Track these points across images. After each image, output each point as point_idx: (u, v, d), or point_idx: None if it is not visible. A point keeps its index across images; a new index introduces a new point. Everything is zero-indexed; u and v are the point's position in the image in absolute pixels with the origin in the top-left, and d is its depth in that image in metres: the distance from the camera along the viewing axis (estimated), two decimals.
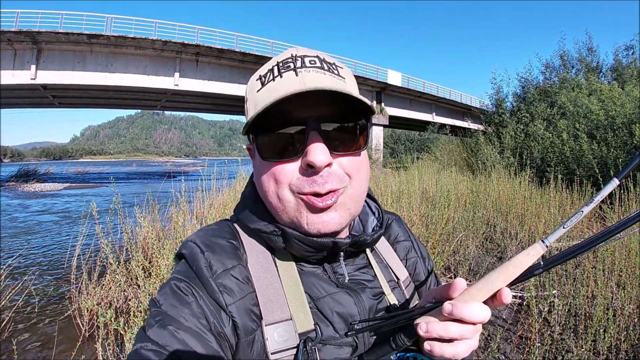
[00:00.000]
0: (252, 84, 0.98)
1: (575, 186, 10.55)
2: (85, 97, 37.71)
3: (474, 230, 8.27)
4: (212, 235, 0.97)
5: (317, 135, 0.86)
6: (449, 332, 0.75)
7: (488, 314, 0.75)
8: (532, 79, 26.41)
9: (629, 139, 13.41)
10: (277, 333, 0.85)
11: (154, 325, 0.78)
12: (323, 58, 0.95)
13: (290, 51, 0.96)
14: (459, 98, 53.03)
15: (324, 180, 0.86)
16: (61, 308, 6.07)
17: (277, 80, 0.89)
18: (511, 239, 8.29)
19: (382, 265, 1.12)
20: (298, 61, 0.92)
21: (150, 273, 4.97)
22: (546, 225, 8.82)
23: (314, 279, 0.97)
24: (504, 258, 7.27)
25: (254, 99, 0.93)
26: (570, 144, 15.69)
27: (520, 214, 9.51)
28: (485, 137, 21.10)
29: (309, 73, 0.89)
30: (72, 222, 14.50)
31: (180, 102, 42.30)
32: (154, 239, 5.70)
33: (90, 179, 44.90)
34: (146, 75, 30.36)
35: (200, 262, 0.88)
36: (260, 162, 0.93)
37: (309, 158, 0.84)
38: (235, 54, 32.81)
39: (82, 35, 26.64)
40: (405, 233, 1.26)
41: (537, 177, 13.26)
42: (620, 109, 15.16)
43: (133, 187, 27.52)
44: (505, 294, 0.73)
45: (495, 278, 0.74)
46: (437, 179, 11.95)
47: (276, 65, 0.93)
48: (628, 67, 25.24)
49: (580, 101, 18.21)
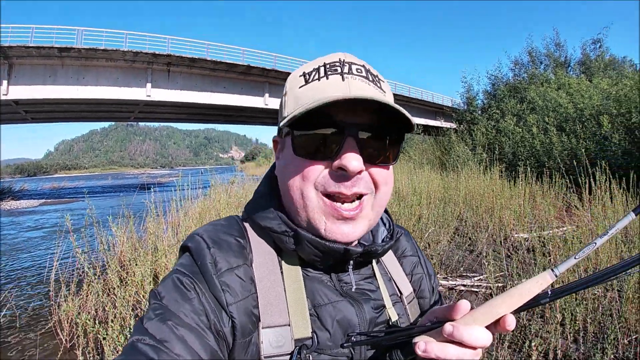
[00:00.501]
0: (294, 79, 0.99)
1: (545, 178, 10.84)
2: (58, 111, 37.10)
3: (445, 225, 8.47)
4: (220, 231, 0.97)
5: (353, 142, 0.88)
6: (447, 354, 0.74)
7: (489, 338, 0.74)
8: (501, 77, 26.98)
9: (598, 129, 13.83)
10: (273, 337, 0.86)
11: (153, 318, 0.79)
12: (368, 69, 0.98)
13: (338, 55, 0.98)
14: (430, 98, 53.34)
15: (351, 184, 0.88)
16: (42, 321, 6.12)
17: (322, 81, 0.92)
18: (481, 232, 8.50)
19: (386, 278, 1.12)
20: (346, 67, 0.94)
21: (126, 282, 5.08)
22: (515, 217, 9.08)
23: (318, 285, 0.97)
24: (475, 251, 7.50)
25: (295, 94, 0.95)
26: (540, 137, 16.08)
27: (490, 207, 9.75)
28: (457, 135, 21.40)
29: (355, 80, 0.91)
30: (50, 238, 14.37)
31: (153, 112, 41.97)
32: (129, 249, 5.80)
33: (66, 194, 44.18)
34: (118, 87, 29.92)
35: (205, 258, 0.89)
36: (292, 157, 0.93)
37: (343, 162, 0.86)
38: (206, 62, 32.59)
39: (53, 48, 26.15)
40: (414, 248, 1.27)
41: (508, 172, 13.52)
42: (588, 101, 15.60)
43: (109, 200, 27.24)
44: (509, 321, 0.73)
45: (499, 303, 0.74)
46: (409, 178, 12.15)
47: (323, 66, 0.95)
48: (596, 60, 25.77)
49: (549, 95, 18.68)
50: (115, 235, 6.43)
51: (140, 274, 4.90)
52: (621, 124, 13.35)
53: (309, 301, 0.93)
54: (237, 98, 35.65)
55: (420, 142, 26.48)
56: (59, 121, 44.55)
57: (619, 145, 12.57)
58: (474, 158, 17.54)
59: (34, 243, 13.96)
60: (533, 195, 10.37)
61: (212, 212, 7.68)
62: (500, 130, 19.73)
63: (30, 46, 25.57)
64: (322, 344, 0.89)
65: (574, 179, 9.59)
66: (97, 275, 5.21)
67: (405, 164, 19.22)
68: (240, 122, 51.98)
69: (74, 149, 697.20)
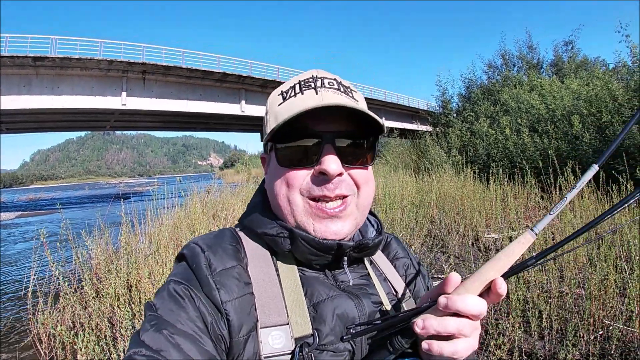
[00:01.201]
0: (273, 98, 1.07)
1: (518, 179, 11.01)
2: (33, 121, 36.62)
3: (417, 228, 8.57)
4: (214, 238, 1.01)
5: (331, 148, 0.94)
6: (446, 327, 0.75)
7: (484, 306, 0.75)
8: (475, 79, 27.15)
9: (569, 129, 14.06)
10: (272, 337, 0.86)
11: (149, 329, 0.79)
12: (340, 81, 1.06)
13: (311, 72, 1.06)
14: (406, 102, 53.79)
15: (334, 186, 0.94)
16: (21, 334, 6.09)
17: (298, 97, 0.99)
18: (452, 233, 8.63)
19: (381, 278, 1.13)
20: (318, 81, 1.02)
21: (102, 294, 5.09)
22: (487, 217, 9.23)
23: (315, 283, 0.98)
24: (446, 252, 7.62)
25: (275, 112, 1.02)
26: (513, 138, 16.30)
27: (461, 209, 9.88)
28: (432, 138, 21.56)
29: (328, 93, 0.99)
30: (27, 251, 14.19)
31: (129, 121, 41.63)
32: (104, 261, 5.80)
33: (43, 205, 43.41)
34: (93, 96, 29.68)
35: (200, 261, 0.92)
36: (277, 168, 1.00)
37: (323, 166, 0.92)
38: (182, 70, 32.54)
39: (27, 58, 25.83)
40: (404, 251, 1.28)
41: (483, 173, 13.65)
42: (559, 102, 15.86)
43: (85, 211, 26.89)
44: (499, 284, 0.74)
45: (488, 269, 0.76)
46: (383, 182, 12.23)
47: (298, 84, 1.03)
48: (568, 62, 26.17)
49: (521, 97, 18.93)
50: (90, 248, 6.41)
51: (114, 286, 4.91)
52: (592, 124, 13.60)
53: (308, 299, 0.94)
54: (214, 105, 35.65)
55: (396, 146, 26.58)
56: (35, 131, 43.99)
57: (590, 144, 12.80)
58: (449, 160, 17.71)
59: (11, 257, 13.75)
60: (506, 196, 10.53)
61: (184, 223, 7.64)
62: (475, 133, 19.94)
63: (3, 55, 25.19)
64: (324, 340, 0.89)
65: (545, 178, 9.81)
66: (73, 289, 5.21)
67: (382, 168, 19.34)
68: (218, 129, 51.82)
69: (50, 158, 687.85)
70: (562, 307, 4.59)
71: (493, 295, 0.75)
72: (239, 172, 30.38)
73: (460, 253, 7.76)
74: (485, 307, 0.75)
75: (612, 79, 14.96)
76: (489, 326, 4.51)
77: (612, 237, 5.84)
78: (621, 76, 16.19)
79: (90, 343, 3.88)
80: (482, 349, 4.13)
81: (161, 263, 5.79)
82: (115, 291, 4.93)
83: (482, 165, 16.42)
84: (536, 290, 4.81)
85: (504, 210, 9.74)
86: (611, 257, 4.63)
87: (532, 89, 20.65)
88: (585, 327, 4.04)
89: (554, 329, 4.28)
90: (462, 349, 0.77)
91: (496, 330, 4.39)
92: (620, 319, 4.10)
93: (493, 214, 9.51)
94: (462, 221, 9.29)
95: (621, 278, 4.60)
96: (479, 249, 7.94)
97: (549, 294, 4.79)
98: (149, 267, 5.65)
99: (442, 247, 8.31)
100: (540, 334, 4.36)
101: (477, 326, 0.79)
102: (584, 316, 4.13)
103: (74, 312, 5.18)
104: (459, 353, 0.76)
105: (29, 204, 48.16)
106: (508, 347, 3.92)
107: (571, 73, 23.52)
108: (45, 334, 5.09)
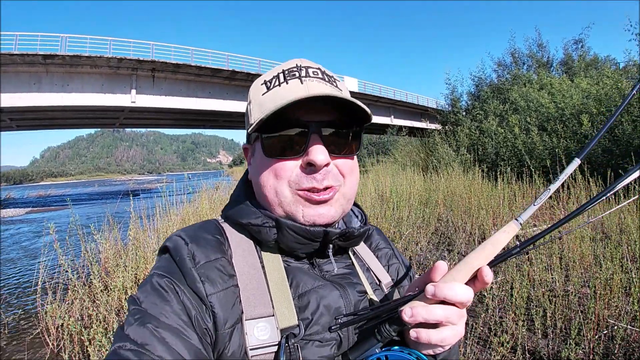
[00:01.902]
0: (256, 87, 1.04)
1: (526, 178, 10.98)
2: (43, 118, 36.64)
3: (424, 226, 8.59)
4: (197, 230, 0.99)
5: (318, 138, 0.93)
6: (434, 314, 0.76)
7: (471, 293, 0.77)
8: (485, 78, 26.96)
9: (578, 128, 13.93)
10: (258, 329, 0.86)
11: (133, 323, 0.78)
12: (324, 71, 1.04)
13: (295, 61, 1.04)
14: (415, 100, 53.60)
15: (322, 177, 0.93)
16: (30, 327, 6.17)
17: (282, 86, 0.97)
18: (459, 232, 8.66)
19: (364, 268, 1.13)
20: (303, 70, 1.00)
21: (110, 288, 5.15)
22: (495, 216, 9.22)
23: (300, 273, 0.98)
24: (453, 251, 7.63)
25: (259, 101, 1.00)
26: (522, 137, 16.20)
27: (468, 207, 9.88)
28: (441, 137, 21.48)
29: (312, 82, 0.97)
30: (36, 246, 14.34)
31: (139, 118, 41.60)
32: (113, 256, 5.86)
33: (52, 202, 43.78)
34: (103, 93, 29.70)
35: (183, 253, 0.90)
36: (262, 159, 0.98)
37: (311, 157, 0.91)
38: (191, 68, 32.46)
39: (37, 55, 25.81)
40: (386, 241, 1.29)
41: (491, 172, 13.61)
42: (569, 100, 15.71)
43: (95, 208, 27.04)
44: (485, 272, 0.76)
45: (474, 258, 0.77)
46: (392, 181, 12.23)
47: (282, 73, 1.01)
48: (578, 60, 25.96)
49: (531, 96, 18.76)
50: (99, 242, 6.47)
51: (122, 279, 4.97)
52: (601, 123, 13.41)
53: (293, 290, 0.94)
54: (223, 103, 35.65)
55: (405, 144, 26.53)
56: (45, 128, 44.14)
57: (599, 143, 12.68)
58: (457, 159, 17.63)
59: (21, 252, 13.91)
60: (514, 195, 10.52)
61: (192, 219, 7.71)
62: (484, 131, 19.83)
63: (14, 53, 25.21)
64: (310, 330, 0.88)
65: (553, 177, 9.79)
66: (82, 282, 5.27)
67: (390, 166, 19.34)
68: (227, 126, 51.78)
69: (59, 155, 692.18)
70: (567, 306, 4.60)
71: (479, 283, 0.77)
72: None
73: (466, 251, 7.75)
74: (472, 295, 0.77)
75: (622, 77, 14.85)
76: (492, 323, 4.53)
77: (619, 237, 5.84)
78: (631, 75, 16.08)
79: (98, 335, 3.94)
80: (485, 346, 4.16)
81: None
82: (124, 285, 4.98)
83: (491, 164, 16.36)
84: (541, 288, 4.82)
85: (511, 209, 9.72)
86: (617, 257, 4.64)
87: (542, 88, 20.44)
88: (589, 326, 4.04)
89: (557, 328, 4.29)
90: (450, 337, 0.78)
91: (499, 327, 4.41)
92: (624, 319, 4.11)
93: (500, 212, 9.49)
94: (469, 219, 9.29)
95: (627, 278, 4.60)
96: None
97: (554, 293, 4.80)
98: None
99: (449, 245, 8.31)
100: (544, 333, 4.37)
101: (464, 314, 0.80)
102: (588, 315, 4.14)
103: (83, 305, 5.24)
104: (446, 340, 0.78)
105: (39, 200, 48.56)
106: (511, 345, 3.94)
107: (581, 72, 23.17)
108: (54, 326, 5.16)
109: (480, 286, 0.78)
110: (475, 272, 0.77)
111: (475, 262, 0.77)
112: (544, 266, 5.43)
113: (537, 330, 4.29)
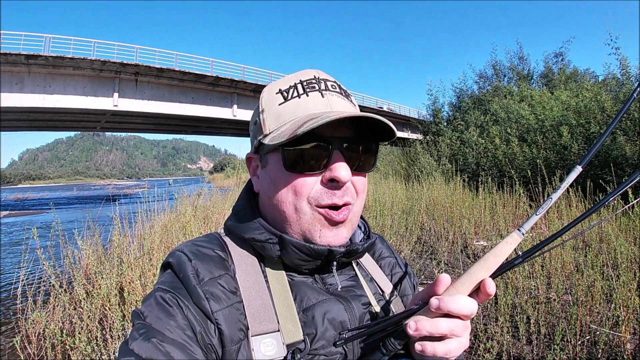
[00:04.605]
0: (271, 96, 1.01)
1: (506, 187, 11.13)
2: (24, 119, 36.13)
3: (407, 235, 8.64)
4: (200, 246, 0.98)
5: (340, 154, 0.93)
6: (439, 327, 0.76)
7: (475, 305, 0.77)
8: (466, 89, 27.31)
9: (558, 139, 14.25)
10: (264, 344, 0.85)
11: (137, 338, 0.78)
12: (339, 84, 1.05)
13: (311, 72, 1.03)
14: (398, 110, 54.09)
15: (342, 193, 0.93)
16: (9, 335, 6.04)
17: (302, 98, 0.97)
18: (441, 240, 8.71)
19: (367, 278, 1.13)
20: (322, 83, 1.00)
21: (92, 295, 5.07)
22: (476, 225, 9.32)
23: (304, 288, 0.98)
24: (436, 259, 7.69)
25: (276, 111, 0.98)
26: (502, 148, 16.46)
27: (450, 216, 9.98)
28: (423, 146, 21.66)
29: (333, 97, 0.98)
30: (15, 251, 14.08)
31: (120, 122, 41.26)
32: (95, 262, 5.78)
33: (31, 205, 43.00)
34: (85, 96, 29.24)
35: (187, 270, 0.89)
36: (280, 173, 0.96)
37: (335, 174, 0.91)
38: (174, 73, 32.22)
39: (20, 55, 25.33)
40: (389, 250, 1.28)
41: (472, 181, 13.77)
42: (549, 112, 16.05)
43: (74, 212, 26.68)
44: (488, 284, 0.76)
45: (477, 269, 0.77)
46: (373, 189, 12.30)
47: (299, 83, 0.99)
48: (558, 73, 26.42)
49: (511, 107, 19.10)
50: (81, 248, 6.38)
51: (106, 287, 4.90)
52: (580, 134, 13.84)
53: (297, 305, 0.94)
54: (206, 109, 35.44)
55: (387, 154, 26.67)
56: (25, 130, 43.56)
57: (578, 154, 12.97)
58: (439, 168, 17.89)
59: None
60: (494, 204, 10.64)
61: (175, 225, 7.64)
62: (465, 142, 20.10)
63: None
64: (315, 345, 0.88)
65: (534, 187, 9.95)
66: (63, 289, 5.19)
67: (372, 175, 19.41)
68: (209, 132, 51.59)
69: (38, 158, 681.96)
70: (550, 312, 4.68)
71: (482, 294, 0.78)
72: (229, 176, 30.24)
73: (449, 259, 7.82)
74: (476, 307, 0.78)
75: (602, 90, 15.18)
76: (478, 330, 4.57)
77: (599, 245, 5.94)
78: (610, 88, 16.42)
79: (82, 343, 3.87)
80: (471, 352, 4.18)
81: (152, 265, 5.79)
82: (107, 292, 4.91)
83: (472, 174, 16.62)
84: (524, 295, 4.88)
85: (493, 218, 9.84)
86: (598, 264, 4.72)
87: (522, 100, 20.90)
88: (573, 331, 4.12)
89: (541, 334, 4.36)
90: (455, 349, 0.78)
91: (485, 334, 4.45)
92: (606, 324, 4.19)
93: (482, 221, 9.61)
94: (451, 228, 9.39)
95: (607, 285, 4.68)
96: (467, 256, 8.05)
97: (537, 300, 4.87)
98: (140, 268, 5.64)
99: (432, 253, 8.38)
100: (528, 339, 4.44)
101: (468, 325, 0.81)
102: (571, 321, 4.21)
103: (65, 313, 5.15)
104: (451, 353, 0.78)
105: (17, 203, 47.68)
106: (497, 351, 3.98)
107: (561, 84, 23.80)
108: (35, 334, 5.06)
109: (484, 298, 0.78)
110: (479, 283, 0.78)
111: (478, 273, 0.77)
112: (526, 274, 5.51)
113: (522, 336, 4.35)
